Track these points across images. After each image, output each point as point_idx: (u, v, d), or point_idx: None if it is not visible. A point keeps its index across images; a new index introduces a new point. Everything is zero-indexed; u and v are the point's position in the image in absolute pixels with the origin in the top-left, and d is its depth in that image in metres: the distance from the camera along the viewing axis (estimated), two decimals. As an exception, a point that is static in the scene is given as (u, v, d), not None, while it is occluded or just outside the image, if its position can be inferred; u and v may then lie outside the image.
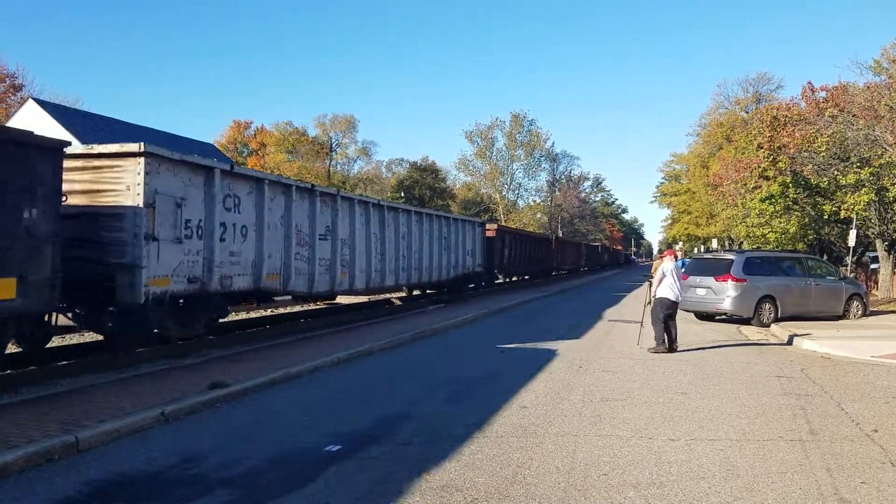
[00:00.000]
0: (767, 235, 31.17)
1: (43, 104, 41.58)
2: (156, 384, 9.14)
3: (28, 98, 44.50)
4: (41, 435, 6.44)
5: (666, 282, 13.42)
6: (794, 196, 28.38)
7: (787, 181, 28.22)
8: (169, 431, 7.19)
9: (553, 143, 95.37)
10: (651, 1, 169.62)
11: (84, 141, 26.89)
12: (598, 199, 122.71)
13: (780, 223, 30.28)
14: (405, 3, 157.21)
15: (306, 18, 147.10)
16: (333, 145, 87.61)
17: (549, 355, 12.60)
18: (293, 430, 7.27)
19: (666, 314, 13.29)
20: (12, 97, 53.63)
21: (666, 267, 13.62)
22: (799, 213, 29.81)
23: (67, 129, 36.64)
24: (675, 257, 14.40)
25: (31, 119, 38.28)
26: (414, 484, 5.59)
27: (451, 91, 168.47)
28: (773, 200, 28.63)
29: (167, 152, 10.52)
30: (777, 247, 30.22)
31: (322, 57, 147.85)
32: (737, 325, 18.59)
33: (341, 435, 7.04)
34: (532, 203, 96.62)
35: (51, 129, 32.99)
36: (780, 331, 16.67)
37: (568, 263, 54.83)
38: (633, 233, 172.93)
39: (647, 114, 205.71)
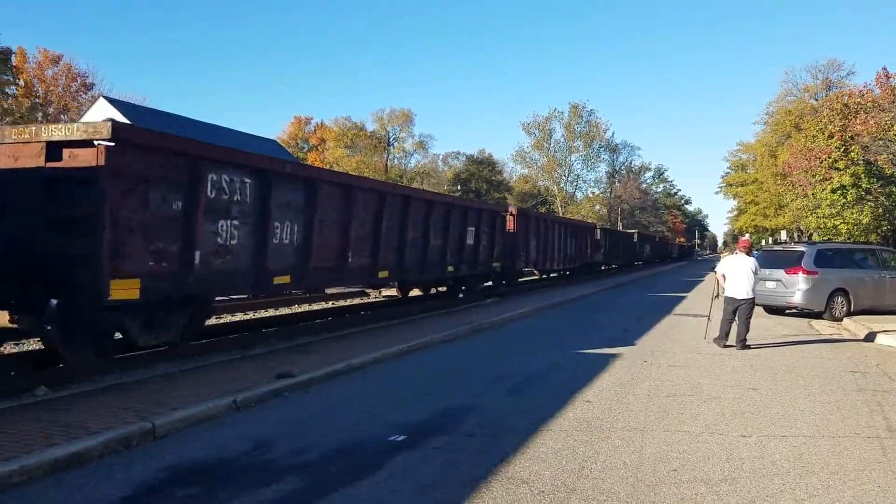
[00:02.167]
0: (839, 227, 30.08)
1: (113, 102, 43.09)
2: (226, 373, 9.39)
3: (99, 96, 46.18)
4: (119, 422, 6.68)
5: (733, 280, 12.98)
6: (868, 186, 27.31)
7: (860, 171, 27.16)
8: (240, 419, 7.38)
9: (613, 133, 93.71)
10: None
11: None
12: (659, 189, 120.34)
13: (853, 214, 29.18)
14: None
15: (364, 14, 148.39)
16: (391, 139, 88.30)
17: (612, 349, 12.45)
18: (358, 419, 7.36)
19: (731, 311, 12.95)
20: (83, 95, 55.80)
21: (728, 266, 13.19)
22: (872, 204, 28.67)
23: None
24: (750, 250, 13.81)
25: (103, 116, 39.71)
26: (479, 475, 5.59)
27: (508, 83, 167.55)
28: (844, 191, 27.61)
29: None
30: (849, 238, 29.15)
31: (380, 51, 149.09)
32: (807, 320, 18.02)
33: (405, 425, 7.10)
34: (591, 195, 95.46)
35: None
36: (853, 325, 16.07)
37: (559, 260, 31.65)
38: (696, 224, 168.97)
39: (711, 102, 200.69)
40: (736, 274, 12.96)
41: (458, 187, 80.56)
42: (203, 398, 7.74)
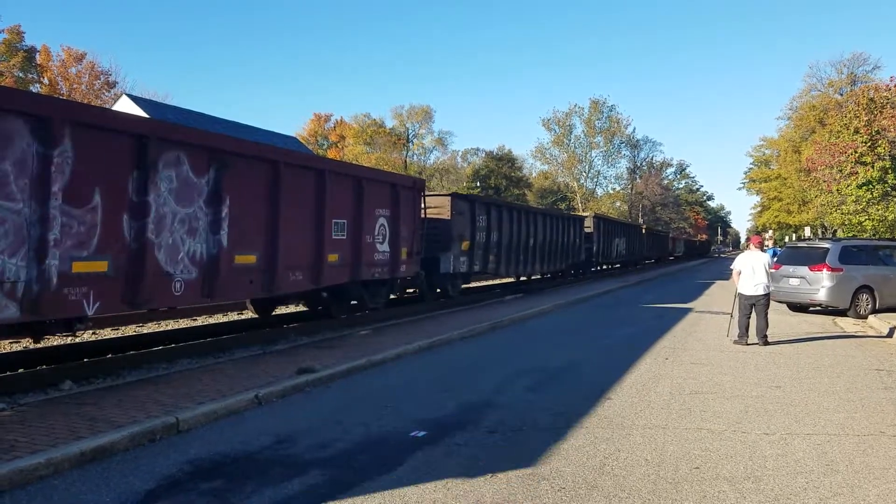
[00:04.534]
0: (864, 223, 29.67)
1: (136, 100, 43.42)
2: (249, 368, 9.47)
3: (122, 94, 46.58)
4: (144, 416, 6.77)
5: (747, 276, 12.89)
6: (894, 182, 26.91)
7: (887, 166, 26.78)
8: (262, 413, 7.45)
9: (634, 128, 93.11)
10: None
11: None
12: (681, 185, 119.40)
13: (878, 210, 28.77)
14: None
15: (383, 11, 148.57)
16: (410, 136, 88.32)
17: (634, 346, 12.39)
18: (379, 415, 7.39)
19: (748, 307, 12.88)
20: (106, 93, 56.40)
21: (743, 262, 13.08)
22: (899, 200, 28.25)
23: (160, 124, 38.25)
24: (763, 246, 13.72)
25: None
26: (501, 471, 5.60)
27: (528, 78, 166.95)
28: (870, 187, 27.22)
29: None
30: (874, 235, 28.75)
31: (399, 48, 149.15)
32: (832, 317, 17.79)
33: (426, 421, 7.12)
34: (611, 191, 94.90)
35: (144, 124, 34.40)
36: (878, 323, 15.85)
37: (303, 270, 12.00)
38: (719, 221, 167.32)
39: (734, 97, 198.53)
40: (750, 270, 12.90)
41: (477, 184, 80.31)
42: (227, 392, 7.83)
